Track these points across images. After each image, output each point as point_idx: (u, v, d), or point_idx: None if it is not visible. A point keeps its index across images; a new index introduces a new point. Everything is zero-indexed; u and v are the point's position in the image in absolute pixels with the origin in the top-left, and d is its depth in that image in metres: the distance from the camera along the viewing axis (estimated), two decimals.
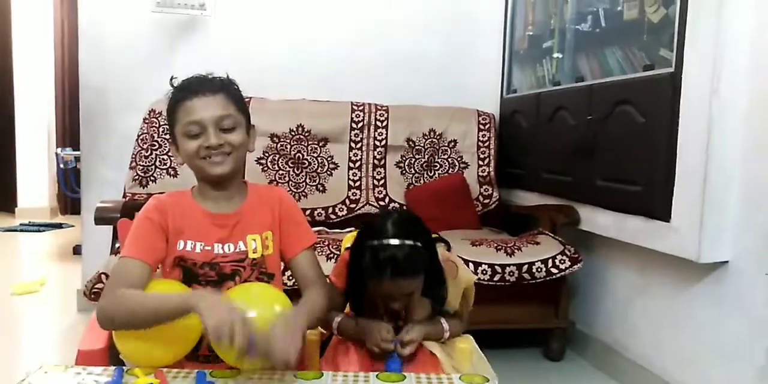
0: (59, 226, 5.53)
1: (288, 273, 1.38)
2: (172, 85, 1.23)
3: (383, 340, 1.21)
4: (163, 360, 1.12)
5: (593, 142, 2.23)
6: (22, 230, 5.30)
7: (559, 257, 2.26)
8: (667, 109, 1.83)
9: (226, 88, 1.22)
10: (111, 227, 2.29)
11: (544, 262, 2.24)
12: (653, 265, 2.09)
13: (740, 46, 1.68)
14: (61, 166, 4.31)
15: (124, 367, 1.06)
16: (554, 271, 2.24)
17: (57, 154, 4.39)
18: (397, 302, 1.24)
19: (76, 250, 4.17)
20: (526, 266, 2.22)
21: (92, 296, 1.98)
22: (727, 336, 1.76)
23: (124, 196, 2.59)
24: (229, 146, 1.19)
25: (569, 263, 2.26)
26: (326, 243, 2.16)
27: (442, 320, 1.32)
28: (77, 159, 4.20)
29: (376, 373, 1.09)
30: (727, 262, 1.75)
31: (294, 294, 1.22)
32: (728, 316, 1.76)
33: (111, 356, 1.28)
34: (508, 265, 2.21)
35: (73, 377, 1.03)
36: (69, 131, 6.04)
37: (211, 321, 0.96)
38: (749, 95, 1.68)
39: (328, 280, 1.33)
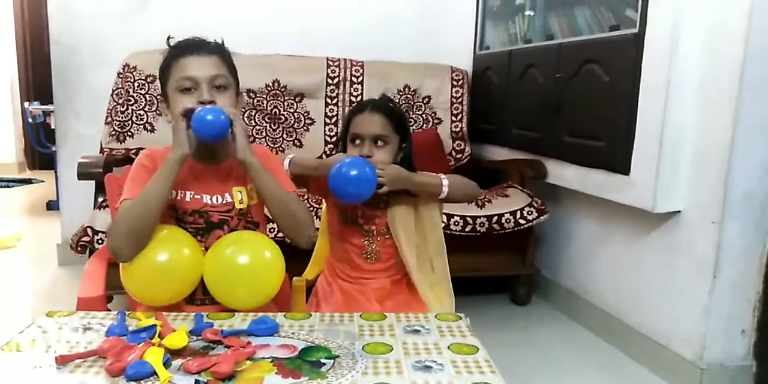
0: (29, 181, 5.46)
1: (272, 225, 1.45)
2: (168, 45, 1.27)
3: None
4: (168, 298, 1.21)
5: (561, 99, 2.32)
6: None
7: (526, 209, 2.39)
8: (630, 69, 1.92)
9: (220, 51, 1.27)
10: (89, 182, 2.33)
11: (513, 213, 2.36)
12: (613, 216, 2.23)
13: (699, 9, 1.76)
14: (30, 120, 4.23)
15: (126, 312, 1.13)
16: (522, 222, 2.37)
17: (25, 109, 4.30)
18: (368, 146, 1.36)
19: (50, 206, 4.16)
20: (495, 217, 2.34)
21: (78, 249, 2.04)
22: (676, 279, 1.92)
23: (101, 151, 2.60)
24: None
25: (536, 214, 2.39)
26: (305, 197, 2.24)
27: (441, 176, 1.38)
28: (45, 113, 4.12)
29: (360, 313, 1.19)
30: (679, 212, 1.90)
31: (279, 245, 1.30)
32: (678, 261, 1.92)
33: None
34: (479, 217, 2.32)
35: (79, 321, 1.11)
36: (33, 85, 5.89)
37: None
38: (705, 58, 1.78)
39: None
